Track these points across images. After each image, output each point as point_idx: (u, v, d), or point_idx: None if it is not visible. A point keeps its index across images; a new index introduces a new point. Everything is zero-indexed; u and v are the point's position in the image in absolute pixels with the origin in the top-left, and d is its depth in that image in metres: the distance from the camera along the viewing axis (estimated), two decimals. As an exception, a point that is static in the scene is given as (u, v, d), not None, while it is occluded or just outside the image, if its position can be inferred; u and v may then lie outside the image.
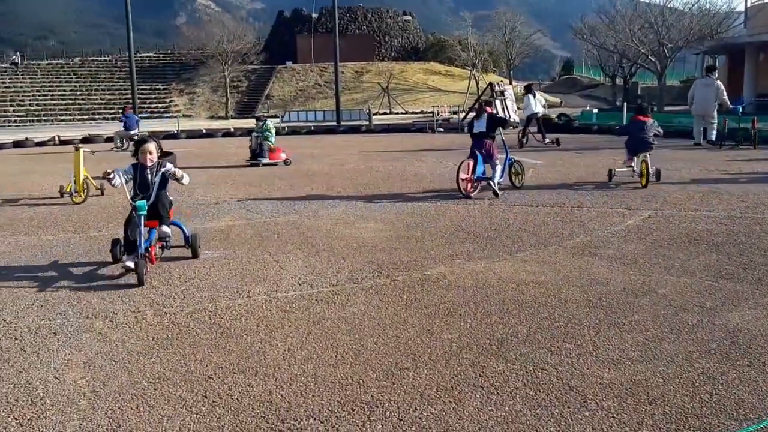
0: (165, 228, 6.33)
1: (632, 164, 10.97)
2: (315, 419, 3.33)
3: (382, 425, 3.25)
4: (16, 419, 3.40)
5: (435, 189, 10.90)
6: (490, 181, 10.06)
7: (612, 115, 26.72)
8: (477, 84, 41.37)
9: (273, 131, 16.03)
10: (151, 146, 6.38)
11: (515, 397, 3.50)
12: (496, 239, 7.23)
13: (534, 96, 18.69)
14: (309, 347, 4.30)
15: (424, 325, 4.64)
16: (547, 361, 3.97)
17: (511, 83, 41.25)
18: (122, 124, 21.69)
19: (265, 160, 15.43)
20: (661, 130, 11.22)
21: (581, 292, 5.28)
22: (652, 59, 37.00)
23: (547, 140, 18.19)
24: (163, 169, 6.37)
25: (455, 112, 32.41)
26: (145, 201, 6.07)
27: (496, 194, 9.93)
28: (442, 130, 25.96)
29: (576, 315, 4.76)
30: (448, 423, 3.25)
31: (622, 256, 6.40)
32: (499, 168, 10.25)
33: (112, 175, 6.16)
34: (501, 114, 25.94)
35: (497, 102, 26.48)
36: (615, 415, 3.28)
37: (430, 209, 9.12)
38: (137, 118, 22.46)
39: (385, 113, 40.95)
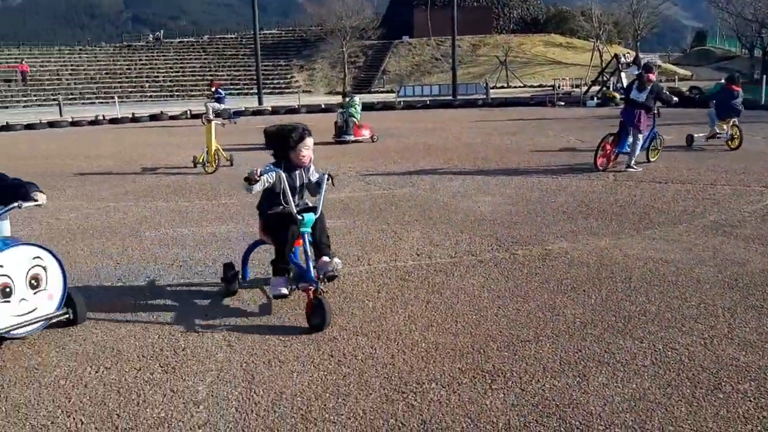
0: (335, 260, 4.56)
1: (721, 130, 12.06)
2: (437, 384, 3.39)
3: (504, 394, 3.26)
4: (161, 366, 3.70)
5: (555, 164, 10.62)
6: (630, 155, 9.77)
7: (749, 89, 24.76)
8: (601, 56, 39.61)
9: (359, 108, 15.69)
10: (311, 140, 4.66)
11: (643, 375, 3.40)
12: (621, 216, 6.97)
13: (638, 68, 18.43)
14: (429, 315, 4.36)
15: (546, 299, 4.58)
16: (677, 340, 3.81)
17: (637, 55, 39.16)
18: (216, 100, 21.84)
19: (351, 138, 15.19)
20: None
21: (715, 273, 5.00)
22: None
23: None
24: (320, 174, 4.80)
25: (576, 86, 31.26)
26: (312, 214, 4.51)
27: (632, 167, 9.71)
28: (563, 104, 25.16)
29: (709, 295, 4.52)
30: (572, 397, 3.21)
31: (760, 236, 5.99)
32: (640, 142, 9.88)
33: (257, 179, 4.32)
34: (625, 84, 24.83)
35: (623, 75, 25.33)
36: (752, 399, 3.12)
37: (551, 184, 8.91)
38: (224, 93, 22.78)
39: (502, 87, 40.17)
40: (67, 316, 4.26)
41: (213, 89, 22.39)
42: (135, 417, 3.17)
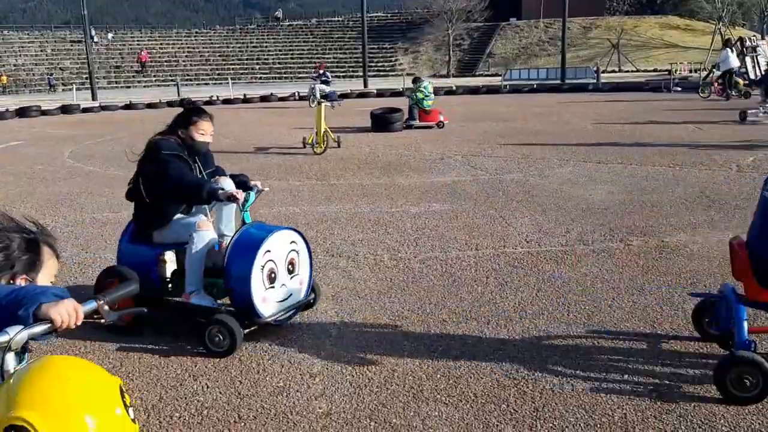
0: None
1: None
2: (549, 372, 3.36)
3: (620, 387, 3.18)
4: (278, 339, 3.86)
5: (672, 152, 10.13)
6: None
7: None
8: (723, 39, 37.28)
9: (427, 93, 15.16)
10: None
11: (771, 378, 3.22)
12: (745, 209, 6.57)
13: (733, 51, 19.01)
14: (540, 303, 4.31)
15: (664, 293, 4.41)
16: (811, 344, 3.58)
17: (764, 38, 36.55)
18: (322, 83, 22.12)
19: (416, 123, 14.86)
20: None
21: None
22: None
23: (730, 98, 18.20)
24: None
25: (695, 70, 29.58)
26: None
27: None
28: (680, 89, 23.87)
29: None
30: (693, 393, 3.09)
31: None
32: None
33: None
34: (751, 72, 23.25)
35: (747, 59, 23.73)
36: None
37: (668, 174, 8.52)
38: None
39: (613, 71, 38.63)
40: (311, 300, 4.18)
41: (321, 71, 22.84)
42: (255, 384, 3.34)
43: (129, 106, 25.53)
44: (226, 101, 26.80)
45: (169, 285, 4.00)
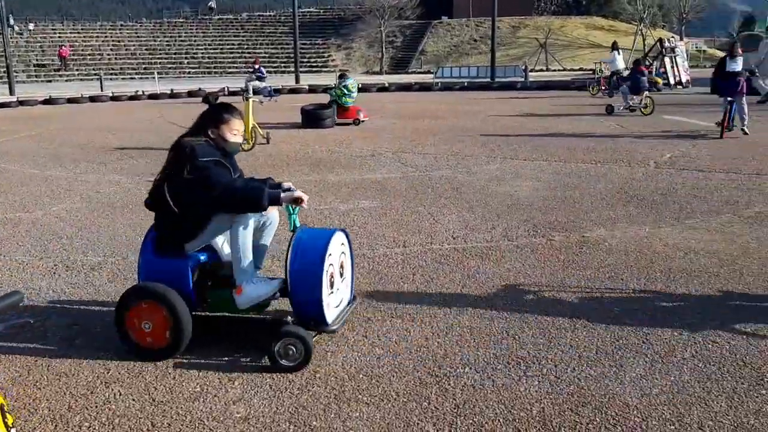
0: None
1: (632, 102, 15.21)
2: (471, 368, 3.37)
3: (539, 381, 3.23)
4: (196, 342, 3.74)
5: (595, 149, 10.43)
6: (742, 119, 11.43)
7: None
8: (644, 40, 38.71)
9: (350, 91, 14.96)
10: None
11: (682, 368, 3.33)
12: (661, 204, 6.83)
13: (619, 53, 20.59)
14: (464, 299, 4.33)
15: (583, 287, 4.51)
16: (718, 334, 3.72)
17: (682, 40, 38.15)
18: (257, 78, 21.93)
19: (335, 120, 14.65)
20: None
21: (760, 265, 4.87)
22: None
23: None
24: None
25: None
26: None
27: (745, 132, 11.36)
28: (604, 88, 24.62)
29: (752, 289, 4.41)
30: (608, 386, 3.16)
31: (808, 229, 5.81)
32: (746, 106, 11.45)
33: None
34: (669, 72, 24.24)
35: (666, 59, 24.71)
36: (797, 398, 3.03)
37: (590, 170, 8.76)
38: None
39: (541, 70, 39.54)
40: (355, 302, 3.96)
41: (256, 66, 22.59)
42: (171, 390, 3.22)
43: (49, 101, 24.46)
44: (152, 96, 26.04)
45: (208, 300, 3.68)
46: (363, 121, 14.75)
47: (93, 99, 25.10)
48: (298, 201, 3.48)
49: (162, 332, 3.44)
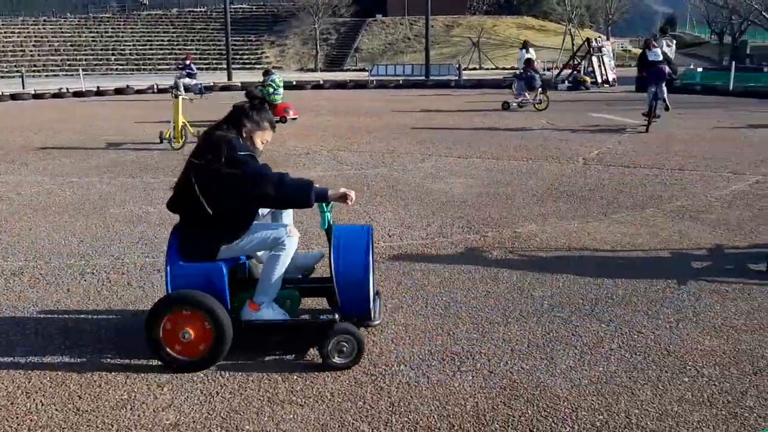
0: None
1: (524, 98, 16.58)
2: (406, 366, 3.37)
3: (473, 376, 3.26)
4: (123, 348, 3.61)
5: (527, 146, 10.65)
6: (664, 101, 13.60)
7: (718, 75, 25.11)
8: (573, 40, 39.80)
9: (277, 87, 14.74)
10: None
11: (609, 359, 3.43)
12: (590, 200, 7.02)
13: (528, 51, 20.42)
14: (399, 297, 4.34)
15: (515, 281, 4.59)
16: (644, 324, 3.85)
17: (608, 39, 39.42)
18: (187, 75, 21.45)
19: None
20: None
21: (681, 257, 5.06)
22: (766, 15, 34.40)
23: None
24: None
25: (548, 69, 31.36)
26: None
27: (667, 108, 13.80)
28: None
29: (675, 280, 4.58)
30: (540, 379, 3.22)
31: (725, 221, 6.08)
32: (665, 89, 13.42)
33: None
34: (597, 71, 24.99)
35: (594, 59, 25.46)
36: (716, 383, 3.16)
37: (522, 167, 8.93)
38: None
39: (474, 68, 40.13)
40: (379, 297, 3.89)
41: (187, 62, 22.06)
42: (97, 399, 3.09)
43: (-35, 99, 23.24)
44: (77, 94, 25.09)
45: (234, 304, 3.47)
46: (293, 119, 14.61)
47: (14, 97, 23.98)
48: (345, 198, 3.41)
49: (201, 342, 3.29)
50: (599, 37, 36.22)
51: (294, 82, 28.45)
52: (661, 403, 2.99)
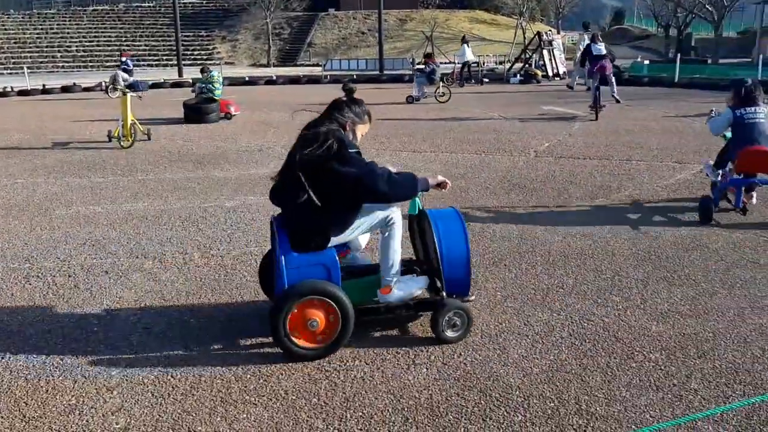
0: None
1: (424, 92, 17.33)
2: (360, 361, 3.37)
3: (427, 369, 3.28)
4: (71, 351, 3.52)
5: (480, 139, 10.74)
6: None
7: (664, 67, 25.78)
8: (524, 33, 40.30)
9: (218, 84, 14.73)
10: None
11: (560, 347, 3.49)
12: (541, 191, 7.13)
13: (468, 45, 23.25)
14: (353, 292, 4.32)
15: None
16: (593, 312, 3.93)
17: (558, 33, 40.04)
18: (123, 71, 20.95)
19: (220, 114, 14.28)
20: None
21: (629, 245, 5.18)
22: (709, 8, 35.39)
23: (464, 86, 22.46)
24: None
25: (500, 63, 31.70)
26: None
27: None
28: (488, 80, 25.44)
29: (623, 267, 4.68)
30: (493, 369, 3.26)
31: (671, 210, 6.25)
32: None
33: None
34: (548, 64, 25.36)
35: (545, 52, 25.82)
36: (663, 368, 3.25)
37: (475, 160, 9.01)
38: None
39: (428, 63, 40.30)
40: None
41: (123, 59, 21.64)
42: (44, 405, 3.01)
43: None
44: (22, 92, 24.32)
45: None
46: (234, 115, 14.43)
47: (-47, 95, 23.13)
48: (442, 185, 3.62)
49: (329, 329, 3.38)
50: (550, 30, 36.71)
51: (247, 78, 28.15)
52: (609, 389, 3.06)
